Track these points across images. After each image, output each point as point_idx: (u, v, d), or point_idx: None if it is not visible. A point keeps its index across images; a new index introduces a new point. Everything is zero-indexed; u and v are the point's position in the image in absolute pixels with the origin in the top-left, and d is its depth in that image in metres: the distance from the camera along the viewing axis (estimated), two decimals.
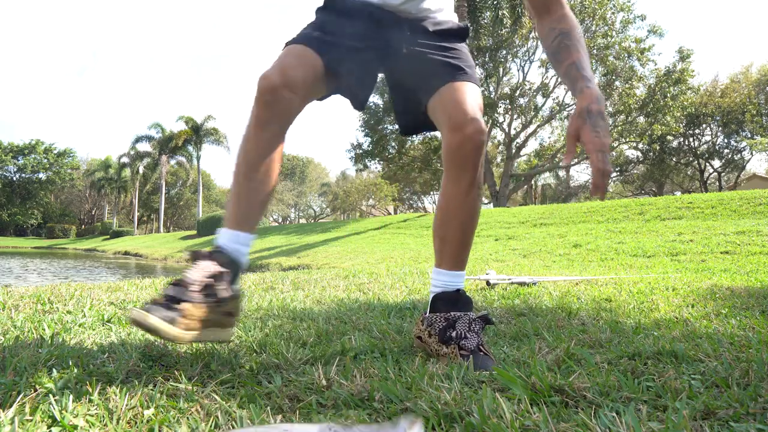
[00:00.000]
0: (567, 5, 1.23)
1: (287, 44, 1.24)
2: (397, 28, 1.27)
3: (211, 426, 0.73)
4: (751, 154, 29.07)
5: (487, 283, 2.63)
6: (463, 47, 1.35)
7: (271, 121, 1.13)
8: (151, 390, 0.86)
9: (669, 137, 27.37)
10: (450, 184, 1.23)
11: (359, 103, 1.33)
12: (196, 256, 1.06)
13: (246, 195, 1.14)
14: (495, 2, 16.80)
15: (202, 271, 1.02)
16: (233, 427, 0.73)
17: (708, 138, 29.80)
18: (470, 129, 1.17)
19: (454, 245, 1.25)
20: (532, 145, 39.25)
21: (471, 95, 1.24)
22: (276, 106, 1.12)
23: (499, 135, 26.61)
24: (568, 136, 1.02)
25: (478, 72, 21.43)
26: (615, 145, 24.74)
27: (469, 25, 1.40)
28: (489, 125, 23.42)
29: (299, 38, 1.24)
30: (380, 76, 1.40)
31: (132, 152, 41.61)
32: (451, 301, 1.22)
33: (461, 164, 1.19)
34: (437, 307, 1.22)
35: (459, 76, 1.27)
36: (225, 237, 1.11)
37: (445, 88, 1.25)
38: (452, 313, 1.19)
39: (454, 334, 1.15)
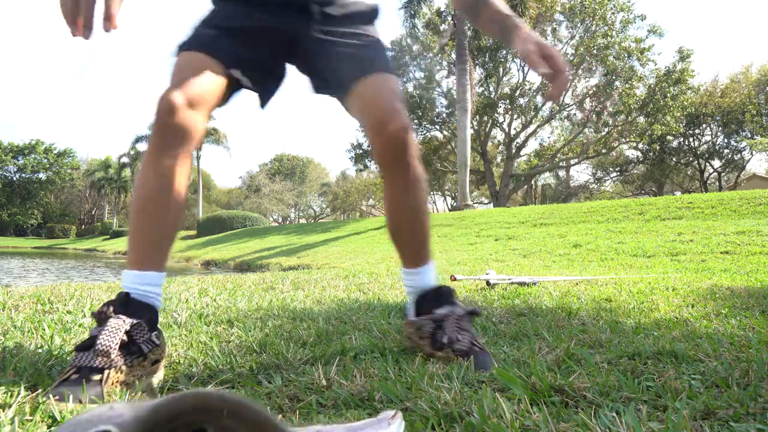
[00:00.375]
0: None
1: (181, 48, 1.12)
2: (303, 10, 1.17)
3: None
4: (751, 154, 29.07)
5: (487, 283, 2.62)
6: (373, 31, 1.25)
7: (173, 145, 1.02)
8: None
9: (669, 137, 27.35)
10: (388, 185, 1.19)
11: (266, 100, 1.24)
12: (101, 317, 0.93)
13: (150, 230, 1.02)
14: None
15: (114, 331, 0.89)
16: None
17: (708, 138, 29.79)
18: (392, 127, 1.10)
19: (410, 244, 1.24)
20: (532, 145, 39.29)
21: (387, 89, 1.16)
22: (179, 129, 1.02)
23: (499, 135, 26.62)
24: (533, 57, 1.07)
25: (478, 72, 21.42)
26: (615, 145, 24.73)
27: (379, 5, 1.28)
28: (489, 125, 23.43)
29: (195, 42, 1.13)
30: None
31: (132, 152, 41.64)
32: (433, 298, 1.20)
33: (392, 164, 1.15)
34: (421, 308, 1.21)
35: (372, 69, 1.18)
36: (130, 279, 0.99)
37: (359, 85, 1.16)
38: (437, 312, 1.17)
39: (445, 339, 1.11)
